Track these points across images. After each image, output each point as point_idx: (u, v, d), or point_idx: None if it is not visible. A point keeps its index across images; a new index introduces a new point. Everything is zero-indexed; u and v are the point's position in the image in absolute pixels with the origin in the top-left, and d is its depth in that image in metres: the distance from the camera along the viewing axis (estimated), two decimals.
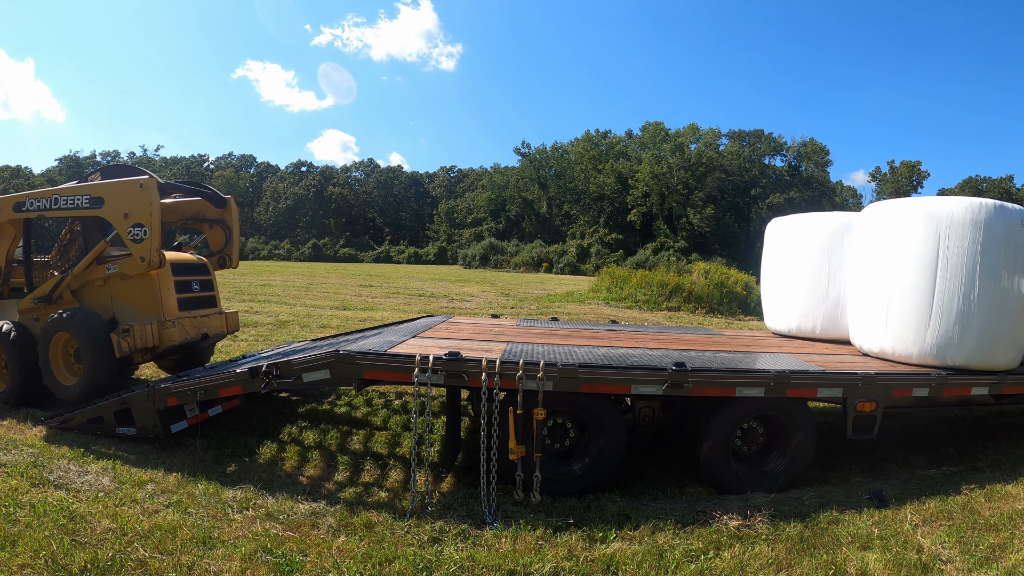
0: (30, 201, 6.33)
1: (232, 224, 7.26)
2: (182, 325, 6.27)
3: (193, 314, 6.50)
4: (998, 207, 5.06)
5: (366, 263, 60.10)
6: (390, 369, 4.54)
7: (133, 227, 5.78)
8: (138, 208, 5.79)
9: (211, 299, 6.89)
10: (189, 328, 6.37)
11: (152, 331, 5.94)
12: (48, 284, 6.40)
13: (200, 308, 6.66)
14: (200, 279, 6.76)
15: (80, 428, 5.49)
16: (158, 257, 5.85)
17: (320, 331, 11.62)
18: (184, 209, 7.18)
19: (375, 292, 21.59)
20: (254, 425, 6.09)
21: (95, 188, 6.00)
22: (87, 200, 5.97)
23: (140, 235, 5.76)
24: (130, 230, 5.79)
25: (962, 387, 5.29)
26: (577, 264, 49.27)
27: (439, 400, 6.08)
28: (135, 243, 5.78)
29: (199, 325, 6.52)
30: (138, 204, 5.79)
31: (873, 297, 5.68)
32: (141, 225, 5.76)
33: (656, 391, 4.56)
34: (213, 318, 6.81)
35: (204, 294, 6.78)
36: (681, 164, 57.11)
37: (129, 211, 5.81)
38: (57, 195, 6.16)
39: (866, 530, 4.06)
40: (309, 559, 3.50)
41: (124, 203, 5.83)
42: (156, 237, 5.80)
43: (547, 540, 3.83)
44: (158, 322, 6.04)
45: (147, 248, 5.75)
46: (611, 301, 19.81)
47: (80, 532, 3.67)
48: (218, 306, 7.00)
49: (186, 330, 6.32)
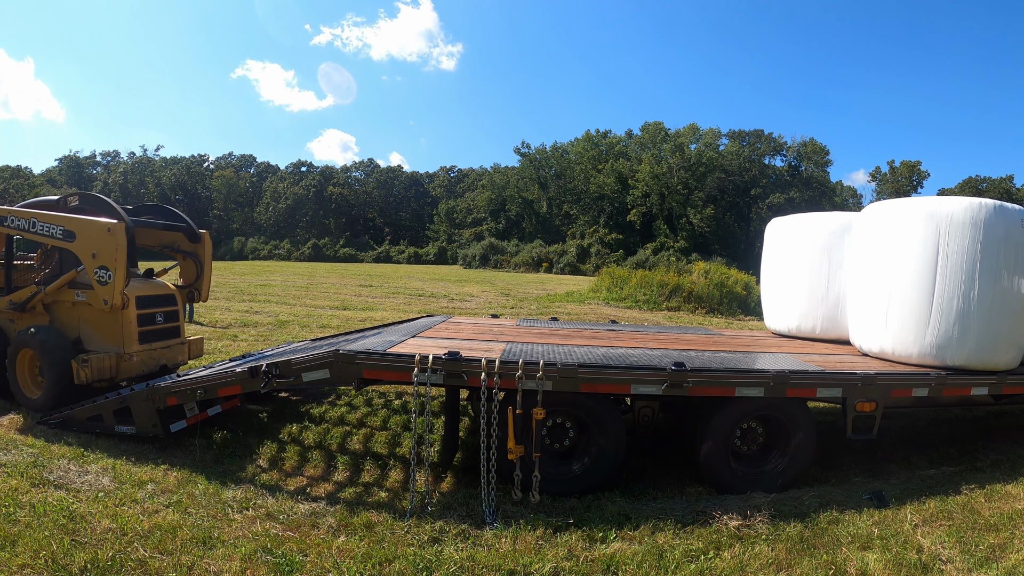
0: (11, 219, 6.44)
1: (204, 259, 7.44)
2: (141, 358, 6.41)
3: (154, 346, 6.63)
4: (998, 207, 5.06)
5: (366, 263, 60.11)
6: (390, 369, 4.54)
7: (99, 269, 5.90)
8: (105, 251, 5.88)
9: (175, 330, 7.01)
10: (148, 360, 6.52)
11: (110, 363, 6.07)
12: (24, 293, 6.53)
13: (162, 339, 6.77)
14: (165, 311, 6.87)
15: (79, 426, 5.49)
16: (120, 300, 5.97)
17: (320, 331, 11.62)
18: (162, 237, 7.36)
19: (375, 292, 21.59)
20: (254, 425, 6.09)
21: (69, 221, 6.08)
22: (60, 232, 6.09)
23: (105, 278, 5.88)
24: (96, 271, 5.91)
25: (962, 387, 5.29)
26: (577, 264, 49.28)
27: (439, 400, 6.08)
28: (100, 285, 5.91)
29: (158, 357, 6.67)
30: (106, 247, 5.88)
31: (873, 297, 5.68)
32: (106, 268, 5.87)
33: (656, 391, 4.56)
34: (174, 348, 6.94)
35: (168, 325, 6.90)
36: (681, 164, 57.11)
37: (97, 252, 5.90)
38: (35, 219, 6.28)
39: (866, 530, 4.06)
40: (309, 559, 3.50)
41: (93, 243, 5.93)
42: (120, 281, 5.90)
43: (547, 540, 3.82)
44: (117, 355, 6.16)
45: (110, 292, 5.87)
46: (611, 301, 19.81)
47: (80, 532, 3.67)
48: (181, 336, 7.12)
49: (144, 363, 6.47)
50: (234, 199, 77.49)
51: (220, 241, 70.64)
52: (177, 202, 75.68)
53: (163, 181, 76.09)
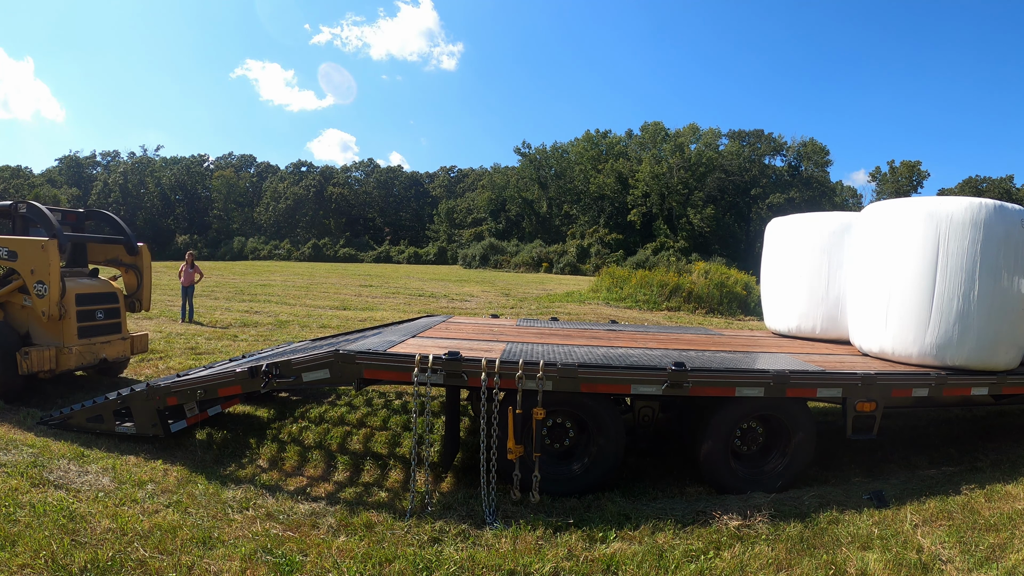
0: None
1: (143, 270, 7.78)
2: (79, 352, 6.74)
3: (93, 341, 6.92)
4: (998, 207, 5.06)
5: (366, 263, 60.11)
6: (390, 369, 4.54)
7: (37, 283, 6.37)
8: (41, 267, 6.34)
9: (116, 325, 7.31)
10: (86, 354, 6.82)
11: (50, 356, 6.44)
12: None
13: (102, 335, 7.07)
14: (106, 307, 7.18)
15: (80, 427, 5.50)
16: (57, 311, 6.42)
17: (320, 331, 11.62)
18: (106, 252, 7.79)
19: (375, 292, 21.60)
20: (254, 425, 6.09)
21: (11, 243, 6.54)
22: (6, 252, 6.55)
23: (42, 291, 6.35)
24: (35, 286, 6.37)
25: (962, 387, 5.29)
26: (577, 264, 49.30)
27: (439, 400, 6.09)
28: (38, 298, 6.38)
29: (97, 351, 6.96)
30: (41, 263, 6.34)
31: (873, 297, 5.68)
32: (43, 283, 6.34)
33: (656, 391, 4.56)
34: (115, 344, 7.23)
35: (109, 321, 7.21)
36: (681, 164, 57.13)
37: (35, 268, 6.37)
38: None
39: (866, 530, 4.06)
40: (309, 559, 3.50)
41: (31, 260, 6.38)
42: (55, 293, 6.35)
43: (547, 540, 3.83)
44: (56, 348, 6.50)
45: (47, 304, 6.35)
46: (611, 301, 19.82)
47: (80, 532, 3.67)
48: (123, 331, 7.42)
49: (83, 356, 6.78)
50: (234, 199, 77.48)
51: (220, 241, 70.70)
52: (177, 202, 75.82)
53: (163, 181, 76.06)
